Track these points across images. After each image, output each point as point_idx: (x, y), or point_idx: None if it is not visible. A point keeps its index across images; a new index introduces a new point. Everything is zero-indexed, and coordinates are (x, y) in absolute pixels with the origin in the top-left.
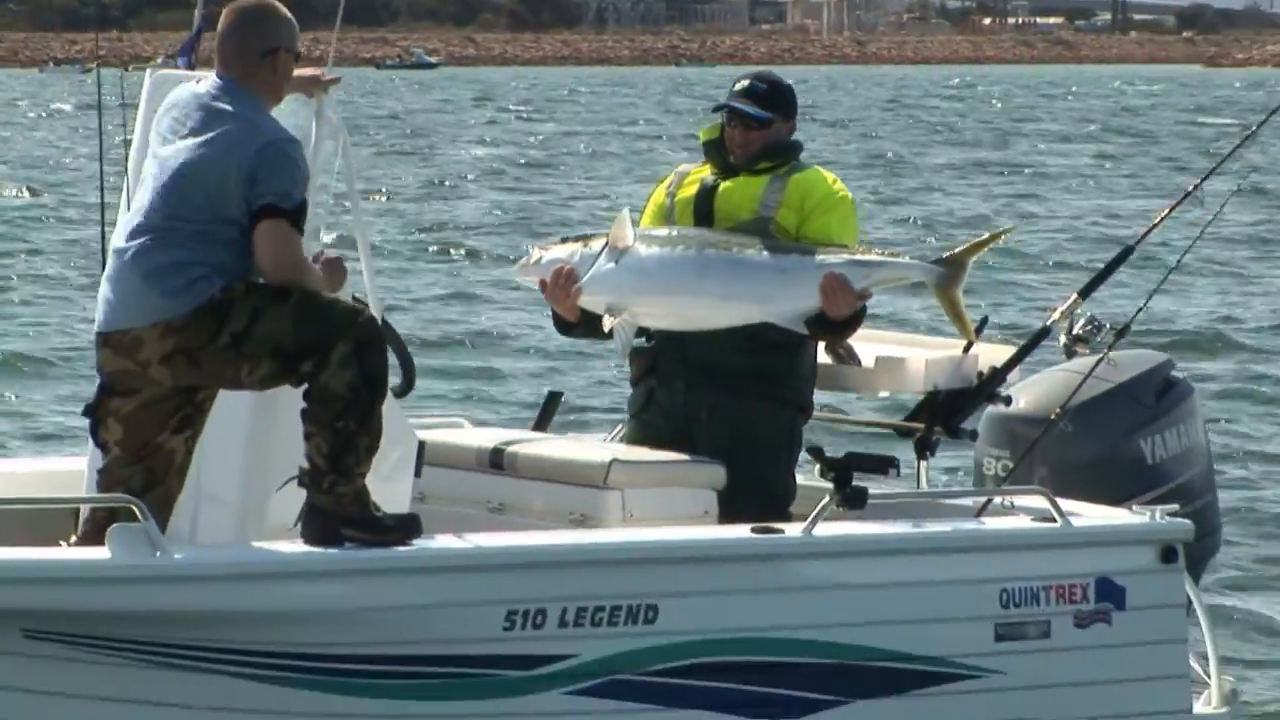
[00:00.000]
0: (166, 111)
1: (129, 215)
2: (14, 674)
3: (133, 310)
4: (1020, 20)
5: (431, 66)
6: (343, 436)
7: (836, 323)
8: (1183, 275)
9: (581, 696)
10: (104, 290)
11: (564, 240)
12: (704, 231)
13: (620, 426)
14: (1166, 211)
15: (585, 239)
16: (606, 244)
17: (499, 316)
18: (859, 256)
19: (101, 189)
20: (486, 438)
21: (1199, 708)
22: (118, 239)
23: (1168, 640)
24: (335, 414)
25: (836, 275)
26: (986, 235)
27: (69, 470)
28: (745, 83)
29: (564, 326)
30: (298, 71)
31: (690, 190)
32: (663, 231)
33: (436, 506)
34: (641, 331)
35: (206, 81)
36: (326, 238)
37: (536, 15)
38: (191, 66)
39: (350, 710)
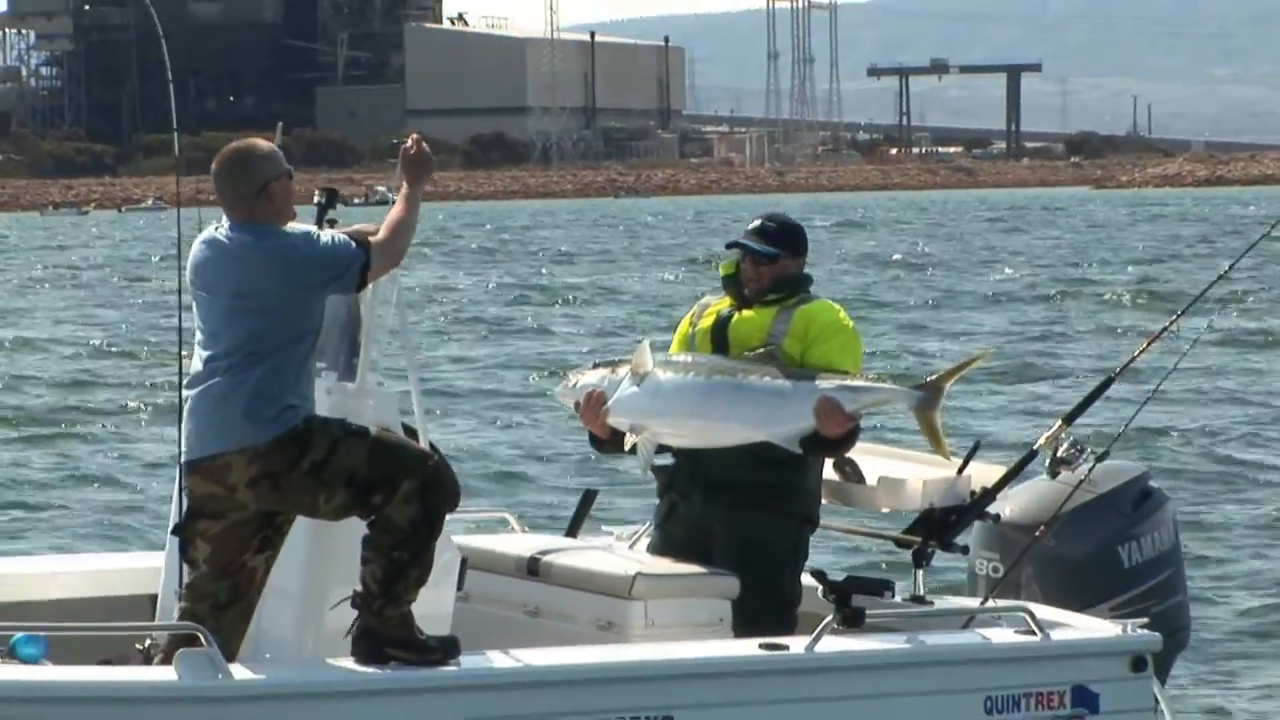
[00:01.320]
0: (198, 262)
1: (200, 351)
2: None
3: (222, 437)
4: (923, 150)
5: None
6: (397, 566)
7: (831, 442)
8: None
9: None
10: (188, 423)
11: (596, 366)
12: (716, 359)
13: (647, 525)
14: (1145, 345)
15: (614, 365)
16: (629, 370)
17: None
18: (849, 382)
19: (179, 328)
20: (525, 545)
21: None
22: (196, 377)
23: None
24: (393, 544)
25: (829, 399)
26: (964, 361)
27: (146, 567)
28: (757, 222)
29: (597, 443)
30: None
31: (709, 321)
32: (680, 358)
33: (479, 606)
34: (666, 449)
35: (222, 228)
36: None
37: (486, 154)
38: None
39: None
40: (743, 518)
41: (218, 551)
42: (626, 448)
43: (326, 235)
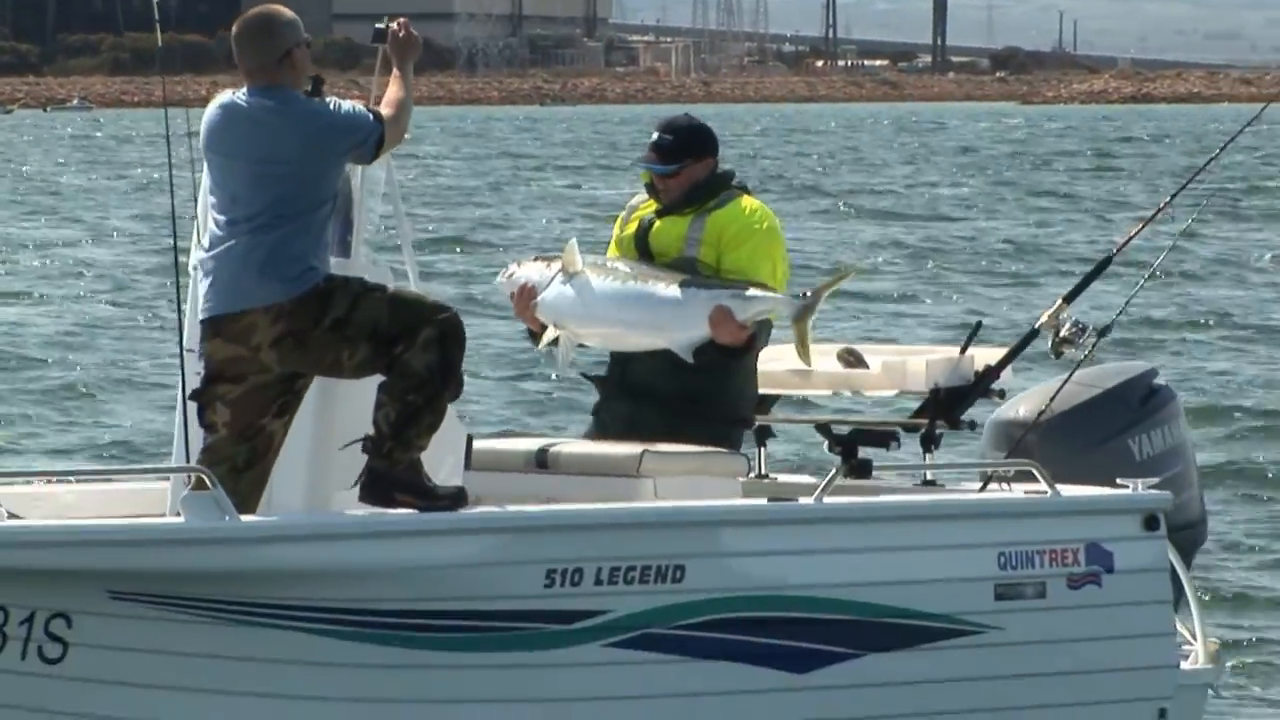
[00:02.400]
0: (218, 127)
1: (217, 215)
2: (104, 632)
3: (248, 294)
4: (849, 63)
5: None
6: (410, 410)
7: (729, 350)
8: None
9: (615, 649)
10: (206, 283)
11: (536, 258)
12: (638, 264)
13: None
14: (1141, 226)
15: (549, 260)
16: (560, 268)
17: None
18: (740, 291)
19: (173, 205)
20: (531, 443)
21: (1187, 665)
22: (213, 237)
23: (1154, 600)
24: (408, 388)
25: (722, 307)
26: (836, 275)
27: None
28: (655, 136)
29: (532, 336)
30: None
31: (631, 229)
32: (606, 262)
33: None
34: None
35: (240, 93)
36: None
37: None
38: None
39: (401, 661)
40: (668, 425)
41: (237, 415)
42: (542, 345)
43: (347, 104)
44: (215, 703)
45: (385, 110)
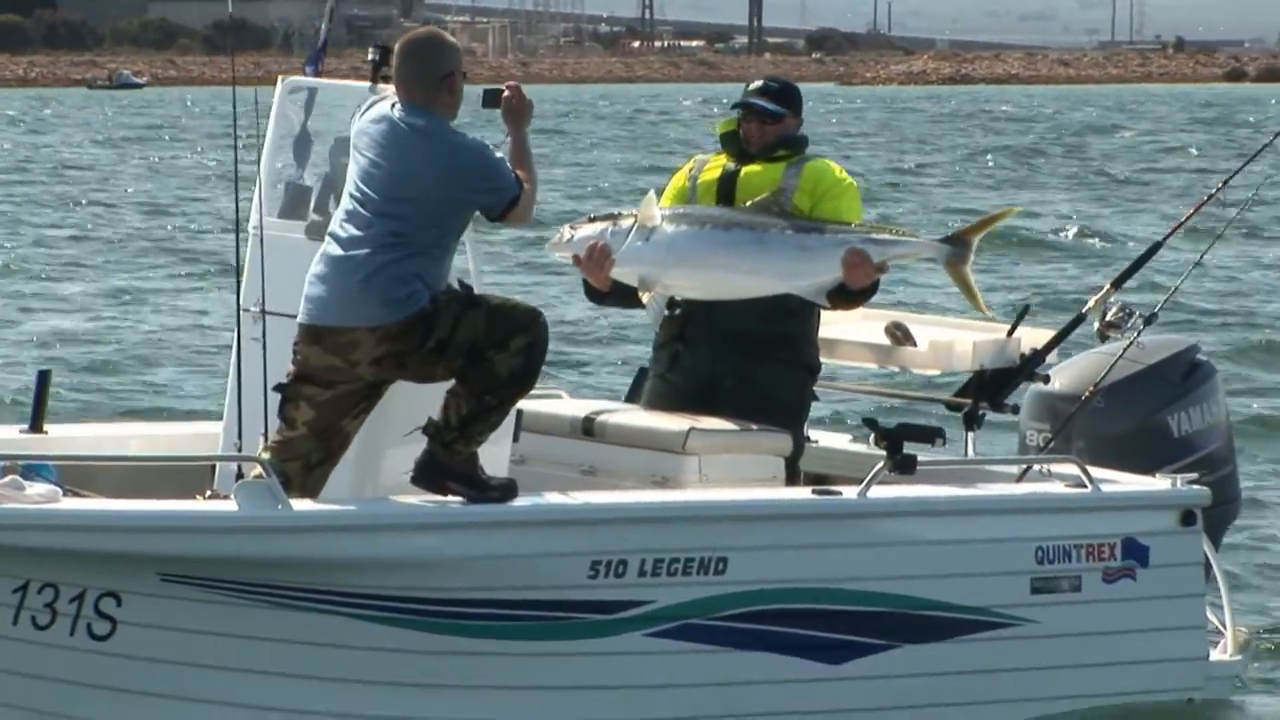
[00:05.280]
0: (368, 131)
1: (343, 219)
2: (152, 612)
3: (355, 312)
4: (666, 43)
5: (138, 86)
6: (483, 408)
7: (853, 293)
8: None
9: (657, 639)
10: (317, 287)
11: (592, 219)
12: (728, 210)
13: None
14: (1192, 211)
15: (614, 218)
16: (636, 222)
17: None
18: (876, 235)
19: (236, 192)
20: (580, 408)
21: (1215, 655)
22: (333, 240)
23: (1187, 594)
24: (487, 388)
25: (858, 250)
26: (992, 213)
27: (208, 433)
28: (760, 83)
29: (598, 296)
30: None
31: (713, 174)
32: (688, 210)
33: (535, 468)
34: (670, 301)
35: (397, 106)
36: None
37: (228, 39)
38: (318, 74)
39: (450, 648)
40: (755, 368)
41: (320, 416)
42: (645, 298)
43: (496, 155)
44: (258, 683)
45: (523, 177)
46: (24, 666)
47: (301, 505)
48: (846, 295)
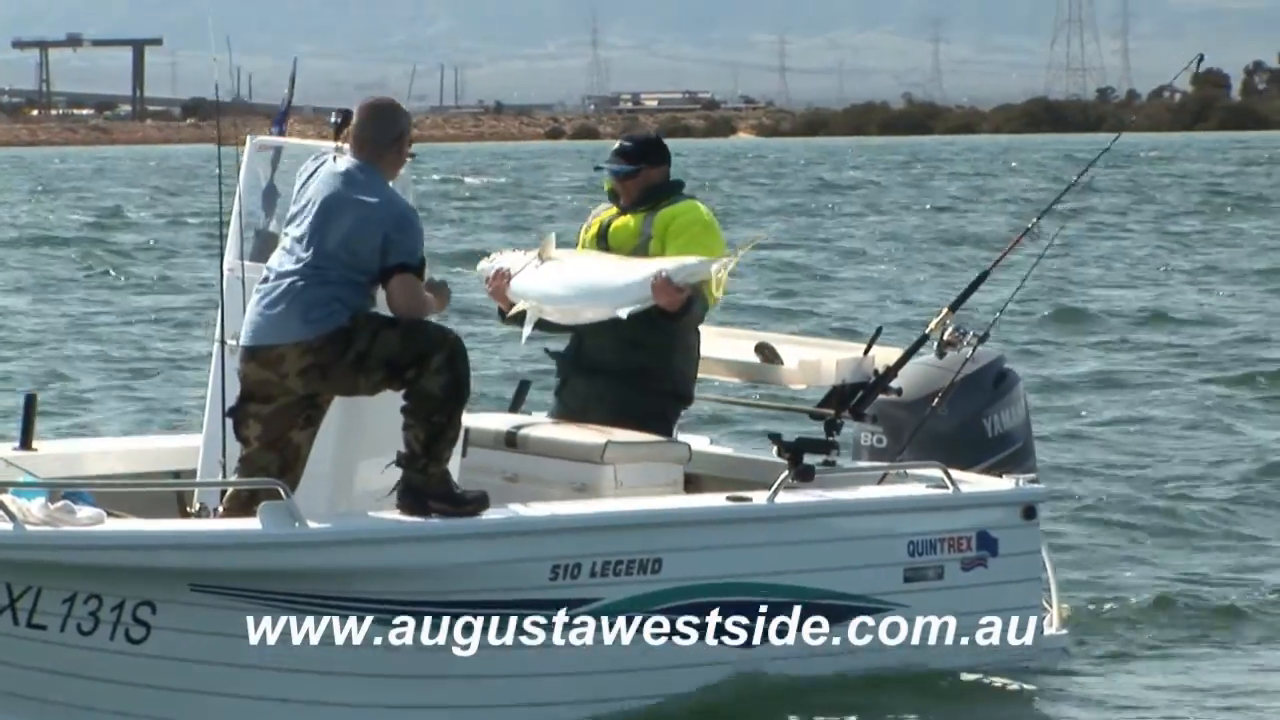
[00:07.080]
0: (316, 178)
1: (283, 254)
2: (183, 618)
3: (281, 331)
4: (60, 111)
5: None
6: (436, 428)
7: (669, 314)
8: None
9: (607, 630)
10: (254, 313)
11: (515, 249)
12: (601, 254)
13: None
14: (1013, 243)
15: (527, 250)
16: (531, 256)
17: None
18: (678, 261)
19: (221, 232)
20: (502, 421)
21: (1046, 630)
22: (274, 270)
23: (1029, 579)
24: (431, 410)
25: (660, 273)
26: (741, 245)
27: (180, 447)
28: (617, 144)
29: (502, 314)
30: None
31: (593, 230)
32: (572, 252)
33: (463, 475)
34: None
35: (345, 160)
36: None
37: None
38: (283, 134)
39: (439, 641)
40: (613, 393)
41: (268, 429)
42: (509, 316)
43: (421, 236)
44: (276, 678)
45: (427, 288)
46: (69, 668)
47: (315, 524)
48: (666, 315)
